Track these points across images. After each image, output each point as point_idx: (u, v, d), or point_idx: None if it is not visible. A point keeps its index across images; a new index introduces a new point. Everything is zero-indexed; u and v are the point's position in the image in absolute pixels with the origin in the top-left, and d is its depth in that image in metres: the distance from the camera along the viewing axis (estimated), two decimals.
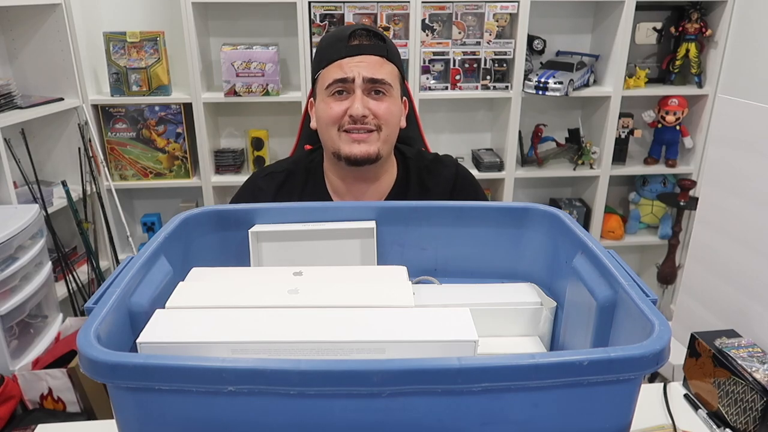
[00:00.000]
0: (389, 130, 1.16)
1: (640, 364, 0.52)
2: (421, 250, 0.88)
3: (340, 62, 1.13)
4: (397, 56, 1.19)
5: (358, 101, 1.12)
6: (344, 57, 1.13)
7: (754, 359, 1.01)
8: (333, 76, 1.13)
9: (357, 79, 1.12)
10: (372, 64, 1.13)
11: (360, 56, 1.13)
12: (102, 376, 0.52)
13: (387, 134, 1.16)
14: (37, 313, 1.98)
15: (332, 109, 1.14)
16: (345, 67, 1.12)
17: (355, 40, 1.14)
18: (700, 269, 1.33)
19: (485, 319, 0.79)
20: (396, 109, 1.17)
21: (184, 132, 2.47)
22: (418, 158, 1.28)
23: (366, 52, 1.13)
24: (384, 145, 1.16)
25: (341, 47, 1.13)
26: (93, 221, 2.47)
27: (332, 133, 1.15)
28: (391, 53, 1.16)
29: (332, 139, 1.16)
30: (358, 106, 1.11)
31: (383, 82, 1.13)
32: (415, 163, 1.27)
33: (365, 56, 1.13)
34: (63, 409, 1.80)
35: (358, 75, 1.12)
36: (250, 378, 0.50)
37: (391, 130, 1.17)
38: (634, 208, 2.81)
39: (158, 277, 0.73)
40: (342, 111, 1.13)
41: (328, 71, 1.14)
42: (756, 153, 1.16)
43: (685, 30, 2.50)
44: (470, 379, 0.51)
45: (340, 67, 1.13)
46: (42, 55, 2.25)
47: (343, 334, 0.61)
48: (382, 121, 1.14)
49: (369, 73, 1.12)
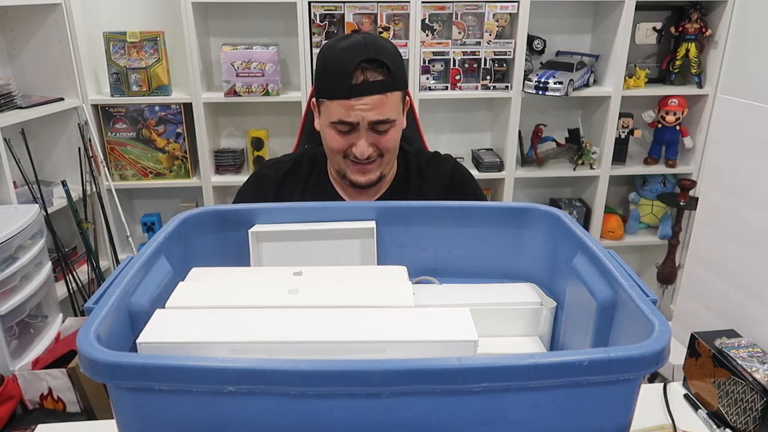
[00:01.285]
0: (392, 153, 1.20)
1: (641, 364, 0.52)
2: (421, 250, 0.88)
3: (345, 102, 1.10)
4: (401, 74, 1.16)
5: (363, 144, 1.13)
6: (349, 97, 1.10)
7: (754, 359, 1.01)
8: (337, 115, 1.12)
9: (362, 123, 1.12)
10: (376, 106, 1.11)
11: (365, 98, 1.10)
12: (102, 376, 0.52)
13: (389, 158, 1.20)
14: (37, 313, 1.98)
15: (337, 143, 1.15)
16: (350, 110, 1.11)
17: (360, 75, 1.10)
18: (700, 269, 1.33)
19: (485, 319, 0.79)
20: (399, 132, 1.18)
21: (184, 132, 2.47)
22: (418, 154, 1.30)
23: (371, 92, 1.10)
24: (387, 166, 1.20)
25: (345, 85, 1.10)
26: (93, 221, 2.47)
27: (338, 159, 1.18)
28: (395, 78, 1.13)
29: (338, 163, 1.19)
30: (363, 150, 1.13)
31: (387, 121, 1.13)
32: (415, 158, 1.29)
33: (370, 98, 1.10)
34: (63, 409, 1.80)
35: (362, 119, 1.11)
36: (250, 378, 0.50)
37: (394, 152, 1.20)
38: (634, 208, 2.81)
39: (158, 277, 0.73)
40: (347, 145, 1.15)
41: (332, 106, 1.13)
42: (756, 153, 1.16)
43: (685, 30, 2.50)
44: (470, 379, 0.51)
45: (344, 108, 1.11)
46: (42, 55, 2.25)
47: (343, 334, 0.61)
48: (385, 151, 1.17)
49: (373, 117, 1.11)
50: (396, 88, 1.14)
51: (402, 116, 1.19)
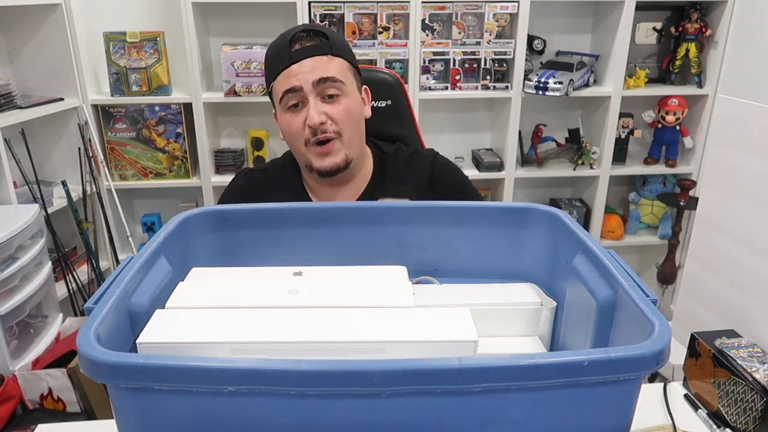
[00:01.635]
0: (351, 129, 1.14)
1: (641, 364, 0.52)
2: (421, 250, 0.88)
3: (287, 71, 1.10)
4: (345, 48, 1.16)
5: (312, 109, 1.10)
6: (289, 65, 1.10)
7: (754, 359, 1.01)
8: (282, 87, 1.11)
9: (305, 86, 1.09)
10: (317, 66, 1.10)
11: (304, 60, 1.10)
12: (102, 377, 0.52)
13: (349, 136, 1.14)
14: (37, 313, 1.98)
15: (292, 125, 1.13)
16: (291, 76, 1.10)
17: (296, 44, 1.11)
18: (700, 269, 1.33)
19: (485, 320, 0.78)
20: (354, 105, 1.14)
21: (184, 132, 2.47)
22: (396, 153, 1.26)
23: (309, 54, 1.10)
24: (350, 149, 1.15)
25: (284, 56, 1.11)
26: (93, 221, 2.47)
27: (300, 148, 1.14)
28: (336, 47, 1.13)
29: (302, 153, 1.15)
30: (313, 114, 1.09)
31: (333, 80, 1.10)
32: (392, 158, 1.25)
33: (309, 59, 1.10)
34: (63, 409, 1.80)
35: (305, 82, 1.09)
36: (250, 378, 0.50)
37: (353, 129, 1.15)
38: (634, 208, 2.81)
39: (158, 278, 0.73)
40: (301, 123, 1.11)
41: (277, 83, 1.13)
42: (756, 153, 1.16)
43: (685, 30, 2.50)
44: (470, 380, 0.51)
45: (286, 77, 1.10)
46: (42, 55, 2.25)
47: (343, 334, 0.61)
48: (341, 125, 1.12)
49: (316, 75, 1.09)
50: (338, 54, 1.12)
51: (357, 92, 1.16)
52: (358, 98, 1.17)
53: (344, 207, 0.89)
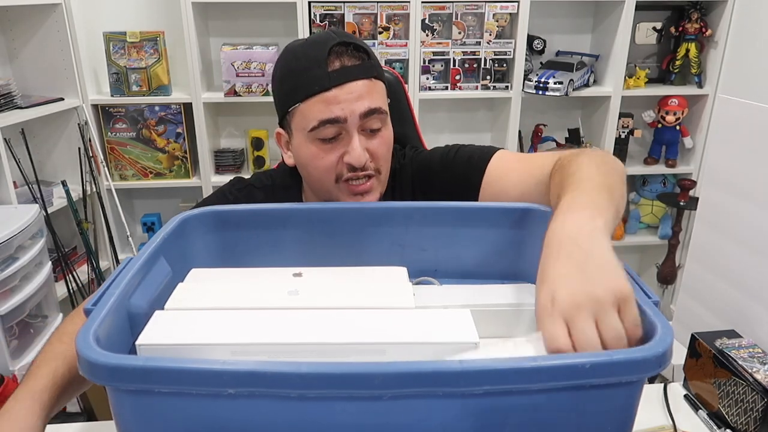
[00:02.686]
0: (387, 164, 0.99)
1: (643, 366, 0.52)
2: (422, 250, 0.88)
3: (325, 96, 0.90)
4: (380, 65, 0.99)
5: (358, 147, 0.92)
6: (328, 88, 0.89)
7: (754, 360, 1.01)
8: (318, 115, 0.90)
9: (350, 117, 0.91)
10: (363, 93, 0.91)
11: (348, 84, 0.90)
12: (101, 379, 0.51)
13: (385, 171, 0.99)
14: (37, 313, 1.98)
15: (324, 160, 0.93)
16: (333, 103, 0.90)
17: (336, 61, 0.91)
18: (700, 269, 1.33)
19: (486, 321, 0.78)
20: (391, 135, 0.99)
21: (184, 132, 2.47)
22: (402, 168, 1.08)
23: (353, 77, 0.90)
24: (383, 185, 1.00)
25: (321, 74, 0.90)
26: (93, 221, 2.47)
27: (327, 185, 0.96)
28: (377, 66, 0.96)
29: (328, 191, 0.97)
30: (359, 154, 0.92)
31: (380, 111, 0.93)
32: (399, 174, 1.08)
33: (354, 84, 0.90)
34: (63, 409, 1.80)
35: (351, 113, 0.90)
36: (250, 380, 0.50)
37: (388, 162, 1.00)
38: (634, 208, 2.81)
39: (157, 278, 0.73)
40: (336, 159, 0.93)
41: (309, 107, 0.91)
42: (756, 153, 1.16)
43: (685, 30, 2.50)
44: (472, 382, 0.51)
45: (325, 103, 0.90)
46: (42, 55, 2.25)
47: (344, 335, 0.61)
48: (381, 162, 0.97)
49: (363, 107, 0.91)
50: (380, 77, 0.96)
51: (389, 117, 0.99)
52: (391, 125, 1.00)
53: (344, 208, 0.89)
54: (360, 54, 0.93)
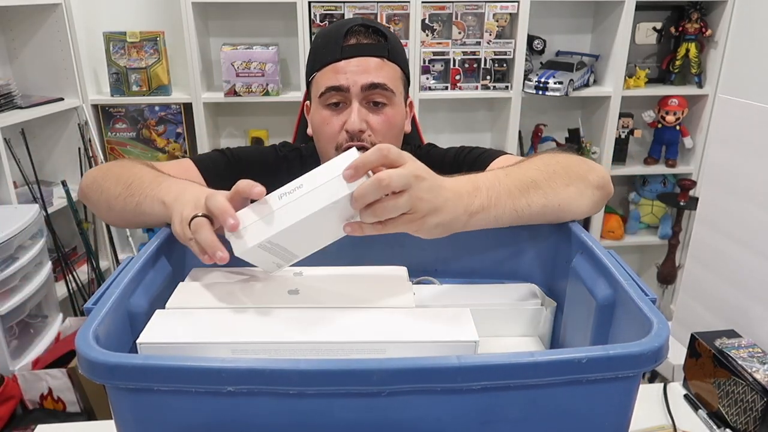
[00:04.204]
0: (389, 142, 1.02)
1: (639, 361, 0.52)
2: (422, 250, 0.88)
3: (335, 66, 1.01)
4: (401, 55, 1.08)
5: (355, 114, 1.01)
6: (339, 59, 1.01)
7: (754, 359, 1.01)
8: (326, 82, 1.02)
9: (353, 87, 1.01)
10: (370, 67, 1.01)
11: (357, 59, 1.01)
12: (100, 377, 0.52)
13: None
14: (37, 313, 1.98)
15: (328, 125, 1.03)
16: (340, 72, 1.01)
17: (352, 38, 1.02)
18: (700, 269, 1.33)
19: (485, 320, 0.78)
20: (398, 117, 1.06)
21: (184, 132, 2.47)
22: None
23: (364, 53, 1.02)
24: None
25: (335, 48, 1.01)
26: (93, 221, 2.47)
27: (329, 151, 1.06)
28: (393, 52, 1.05)
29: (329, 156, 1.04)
30: (354, 120, 1.00)
31: (384, 88, 1.02)
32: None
33: (363, 58, 1.01)
34: (63, 409, 1.80)
35: (354, 84, 1.00)
36: (250, 378, 0.50)
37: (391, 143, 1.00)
38: (634, 208, 2.81)
39: (158, 278, 0.73)
40: (339, 125, 1.03)
41: (321, 75, 1.04)
42: (756, 153, 1.16)
43: (685, 30, 2.50)
44: (469, 378, 0.51)
45: (334, 71, 1.01)
46: (42, 55, 2.25)
47: (344, 334, 0.61)
48: (380, 137, 1.03)
49: (366, 79, 1.00)
50: (394, 60, 1.04)
51: (403, 104, 1.08)
52: (403, 111, 1.09)
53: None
54: (377, 36, 1.04)
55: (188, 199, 0.73)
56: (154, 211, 0.79)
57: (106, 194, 0.87)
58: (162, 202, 0.77)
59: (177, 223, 0.71)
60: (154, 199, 0.79)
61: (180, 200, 0.74)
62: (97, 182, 0.90)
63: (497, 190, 0.73)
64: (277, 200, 0.63)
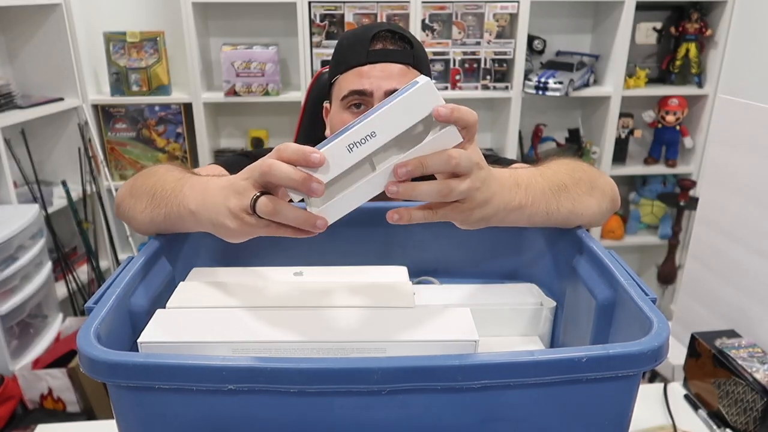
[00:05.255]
0: None
1: (639, 360, 0.53)
2: (421, 250, 0.88)
3: (359, 69, 1.02)
4: (424, 62, 1.09)
5: None
6: (364, 63, 1.02)
7: (754, 359, 1.01)
8: (350, 86, 1.02)
9: (376, 92, 1.01)
10: (394, 74, 1.01)
11: (382, 64, 1.02)
12: (102, 376, 0.52)
13: None
14: (37, 313, 1.98)
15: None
16: (364, 76, 1.01)
17: (378, 43, 1.03)
18: (700, 269, 1.33)
19: (485, 320, 0.79)
20: None
21: (184, 132, 2.47)
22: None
23: (389, 59, 1.02)
24: None
25: (361, 51, 1.02)
26: (93, 221, 2.47)
27: None
28: (418, 60, 1.05)
29: None
30: None
31: None
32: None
33: (388, 64, 1.02)
34: (63, 409, 1.80)
35: (378, 88, 1.00)
36: (250, 376, 0.50)
37: None
38: (634, 208, 2.81)
39: (158, 277, 0.73)
40: None
41: (345, 78, 1.04)
42: (756, 153, 1.16)
43: (685, 30, 2.50)
44: (470, 377, 0.51)
45: (358, 75, 1.02)
46: (42, 55, 2.25)
47: (344, 334, 0.61)
48: None
49: (390, 85, 1.00)
50: (418, 67, 1.04)
51: None
52: None
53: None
54: (402, 43, 1.04)
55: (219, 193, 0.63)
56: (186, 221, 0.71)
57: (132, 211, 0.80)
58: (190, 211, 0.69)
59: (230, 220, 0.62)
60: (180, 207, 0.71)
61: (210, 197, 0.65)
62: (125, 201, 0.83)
63: (534, 189, 0.71)
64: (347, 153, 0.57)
